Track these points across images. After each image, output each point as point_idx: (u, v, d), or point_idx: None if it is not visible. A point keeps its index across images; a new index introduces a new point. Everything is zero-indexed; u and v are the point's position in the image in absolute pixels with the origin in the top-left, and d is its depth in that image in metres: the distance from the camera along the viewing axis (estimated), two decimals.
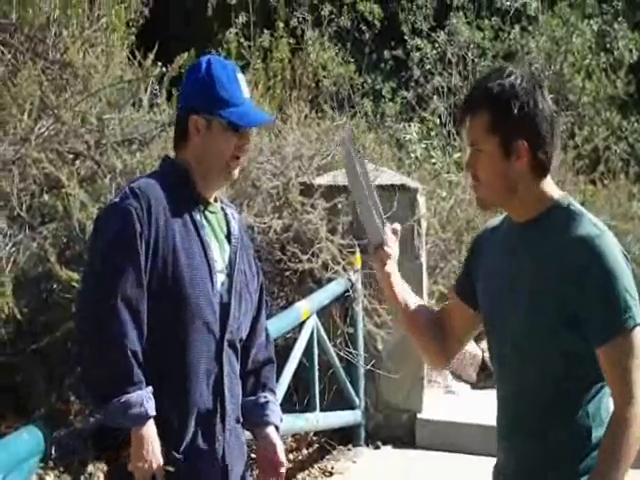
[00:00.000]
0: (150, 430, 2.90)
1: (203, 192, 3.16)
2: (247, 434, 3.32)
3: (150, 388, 2.91)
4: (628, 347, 2.57)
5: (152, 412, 2.89)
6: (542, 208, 2.72)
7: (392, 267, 3.00)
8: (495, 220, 2.97)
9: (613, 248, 2.63)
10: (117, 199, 3.04)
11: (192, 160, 3.14)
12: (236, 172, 3.20)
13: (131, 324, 2.89)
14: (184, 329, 3.01)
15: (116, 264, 2.90)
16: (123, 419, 2.87)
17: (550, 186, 2.75)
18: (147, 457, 2.90)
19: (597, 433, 2.64)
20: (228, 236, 3.22)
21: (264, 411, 3.30)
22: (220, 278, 3.12)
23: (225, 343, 3.10)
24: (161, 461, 2.93)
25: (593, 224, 2.67)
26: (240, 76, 3.20)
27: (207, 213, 3.17)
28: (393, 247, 3.00)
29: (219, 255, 3.15)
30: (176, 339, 3.01)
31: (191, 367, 3.03)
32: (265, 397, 3.32)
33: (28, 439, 3.10)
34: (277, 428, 3.32)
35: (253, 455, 3.41)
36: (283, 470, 3.29)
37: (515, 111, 2.64)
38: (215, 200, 3.25)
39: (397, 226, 3.05)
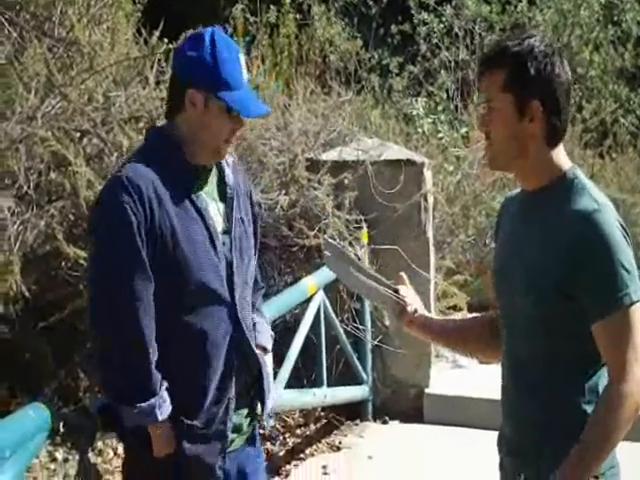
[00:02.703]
0: (165, 427, 3.04)
1: (193, 161, 3.16)
2: None
3: (165, 386, 3.01)
4: (624, 324, 2.58)
5: (167, 415, 3.01)
6: (550, 178, 2.72)
7: (420, 316, 3.07)
8: (515, 191, 2.99)
9: (610, 223, 2.61)
10: (107, 194, 3.06)
11: (184, 132, 3.14)
12: (226, 155, 3.21)
13: (145, 319, 2.96)
14: (193, 302, 3.06)
15: (120, 263, 2.96)
16: (141, 422, 3.01)
17: (560, 156, 2.75)
18: (162, 450, 3.06)
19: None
20: (224, 189, 3.24)
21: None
22: (222, 239, 3.16)
23: (236, 301, 3.15)
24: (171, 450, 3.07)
25: (593, 199, 2.66)
26: (242, 58, 3.18)
27: (201, 174, 3.18)
28: (411, 299, 3.07)
29: (218, 216, 3.18)
30: (185, 313, 3.06)
31: (205, 334, 3.08)
32: (252, 318, 3.35)
33: (34, 416, 3.13)
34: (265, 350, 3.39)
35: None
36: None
37: (532, 71, 2.65)
38: None
39: (402, 275, 3.14)
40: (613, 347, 2.59)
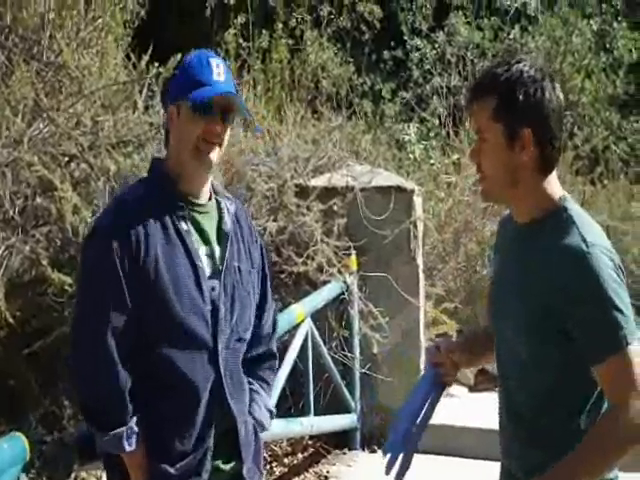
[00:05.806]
0: (135, 458, 3.00)
1: (189, 190, 3.09)
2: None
3: (134, 420, 2.96)
4: (622, 365, 2.50)
5: (133, 447, 2.96)
6: (540, 210, 2.65)
7: (458, 354, 3.07)
8: (506, 213, 2.90)
9: (600, 265, 2.51)
10: (97, 224, 3.07)
11: (172, 155, 3.08)
12: (212, 156, 3.05)
13: (118, 348, 2.93)
14: (173, 342, 2.99)
15: (100, 298, 2.95)
16: (110, 449, 2.99)
17: (553, 186, 2.67)
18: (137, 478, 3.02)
19: None
20: (221, 234, 3.16)
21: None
22: (211, 284, 3.06)
23: (219, 348, 3.06)
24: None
25: (582, 238, 2.55)
26: (214, 60, 3.08)
27: (195, 215, 3.10)
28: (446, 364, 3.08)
29: (207, 260, 3.09)
30: (166, 353, 2.98)
31: (185, 377, 3.00)
32: (251, 383, 3.27)
33: (7, 449, 3.08)
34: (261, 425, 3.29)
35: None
36: None
37: (521, 98, 2.58)
38: (210, 197, 3.17)
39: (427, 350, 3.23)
40: (614, 386, 2.52)
